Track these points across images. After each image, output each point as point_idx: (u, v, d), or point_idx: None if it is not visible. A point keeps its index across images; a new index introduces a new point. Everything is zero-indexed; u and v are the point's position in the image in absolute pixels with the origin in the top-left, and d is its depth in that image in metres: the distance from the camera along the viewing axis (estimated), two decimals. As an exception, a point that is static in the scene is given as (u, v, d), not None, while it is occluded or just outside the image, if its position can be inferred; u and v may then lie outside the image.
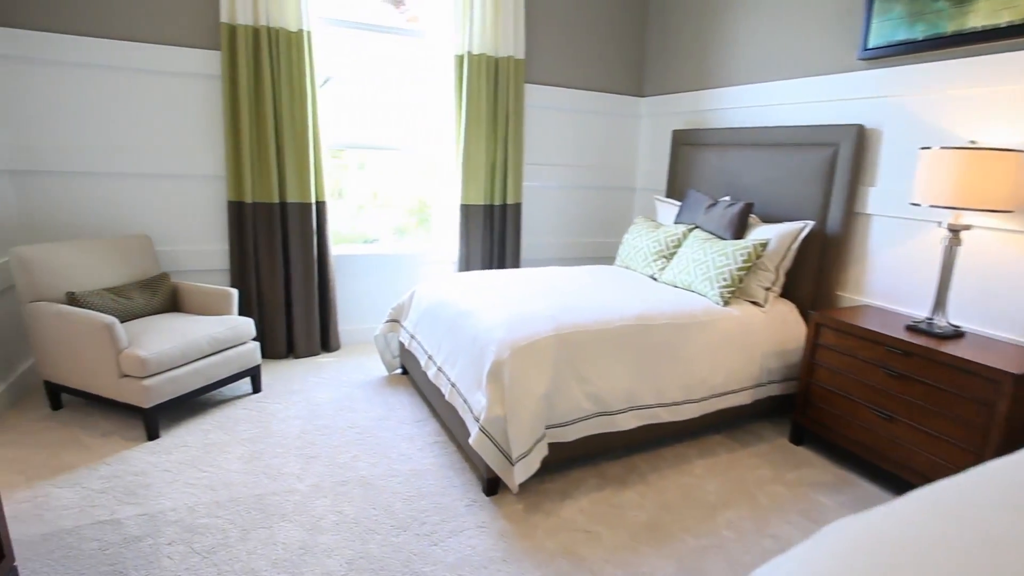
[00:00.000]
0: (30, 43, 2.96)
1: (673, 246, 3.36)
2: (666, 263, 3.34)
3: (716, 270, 2.92)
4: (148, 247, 3.18)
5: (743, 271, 2.86)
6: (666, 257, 3.36)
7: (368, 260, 3.94)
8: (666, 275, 3.21)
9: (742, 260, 2.87)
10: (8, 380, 2.89)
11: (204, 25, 3.25)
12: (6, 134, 3.01)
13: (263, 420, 2.79)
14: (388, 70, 3.87)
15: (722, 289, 2.86)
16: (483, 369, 2.30)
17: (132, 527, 1.99)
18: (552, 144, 4.29)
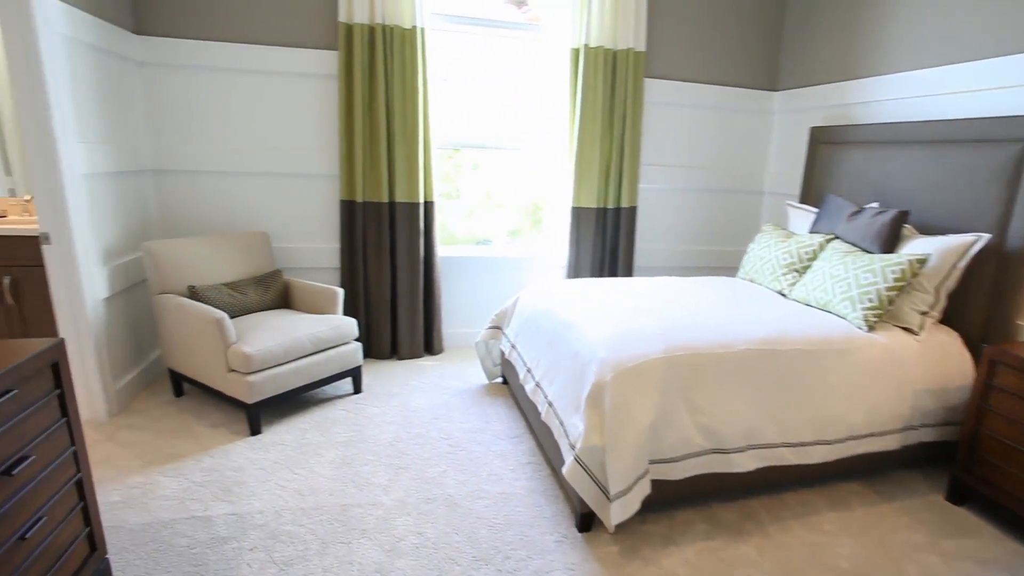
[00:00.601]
0: (168, 50, 3.10)
1: (807, 258, 2.88)
2: (798, 278, 2.87)
3: (860, 289, 2.44)
4: (265, 244, 3.24)
5: (894, 291, 2.35)
6: (798, 271, 2.88)
7: (475, 262, 3.79)
8: (797, 292, 2.75)
9: (893, 278, 2.36)
10: (141, 365, 3.05)
11: (323, 26, 3.25)
12: (150, 137, 3.19)
13: (359, 423, 2.71)
14: (501, 66, 3.69)
15: (867, 311, 2.37)
16: (582, 391, 2.03)
17: (220, 527, 1.94)
18: (671, 143, 3.90)
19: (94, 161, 2.67)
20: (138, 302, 3.07)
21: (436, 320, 3.63)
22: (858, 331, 2.34)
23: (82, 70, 2.62)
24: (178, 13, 3.08)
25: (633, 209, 3.72)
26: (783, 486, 2.34)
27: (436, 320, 3.63)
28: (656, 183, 3.92)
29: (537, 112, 3.77)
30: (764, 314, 2.44)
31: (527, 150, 3.79)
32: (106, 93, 2.81)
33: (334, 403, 2.92)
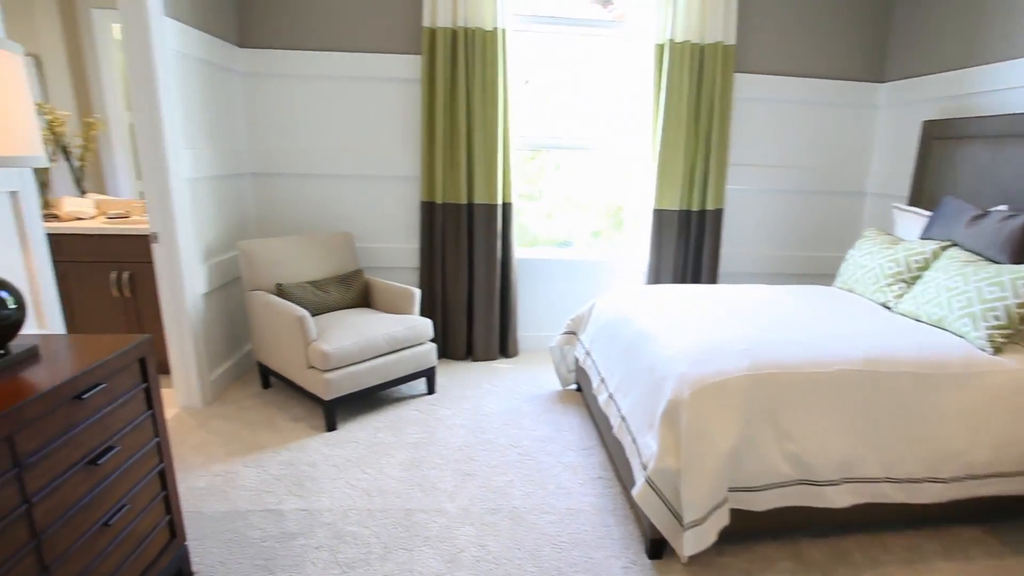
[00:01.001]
0: (268, 61, 3.22)
1: (917, 268, 2.54)
2: (906, 289, 2.54)
3: (984, 304, 2.10)
4: (349, 244, 3.29)
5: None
6: (906, 281, 2.55)
7: (553, 265, 3.68)
8: (905, 305, 2.43)
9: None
10: (234, 358, 3.20)
11: (408, 32, 3.26)
12: (250, 142, 3.34)
13: (431, 425, 2.68)
14: (583, 66, 3.56)
15: (992, 331, 2.04)
16: (657, 407, 1.87)
17: (291, 522, 1.96)
18: (762, 142, 3.60)
19: (198, 166, 2.81)
20: (233, 298, 3.22)
21: (512, 322, 3.55)
22: (980, 353, 2.02)
23: (191, 82, 2.76)
24: (278, 26, 3.20)
25: (719, 211, 3.47)
26: (885, 526, 2.05)
27: (512, 322, 3.55)
28: (745, 184, 3.63)
29: (619, 111, 3.61)
30: (865, 329, 2.16)
31: (609, 150, 3.63)
32: (211, 103, 2.95)
33: (408, 403, 2.91)
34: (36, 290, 1.92)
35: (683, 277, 3.58)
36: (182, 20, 2.67)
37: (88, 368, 1.36)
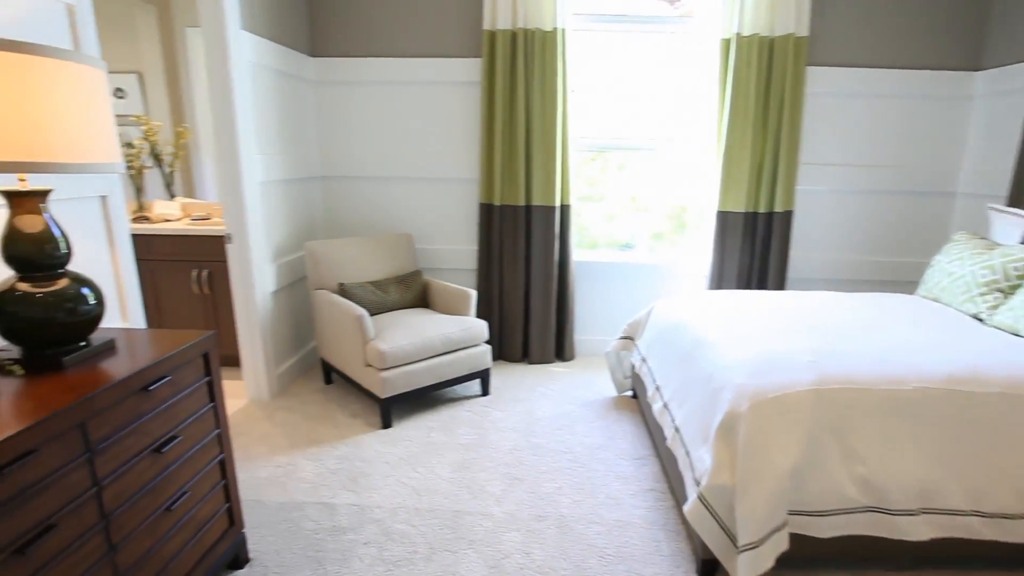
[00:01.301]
0: (336, 69, 3.33)
1: (1017, 276, 2.28)
2: (1002, 299, 2.29)
3: None
4: (409, 245, 3.35)
5: None
6: (1003, 291, 2.30)
7: (612, 268, 3.60)
8: (1002, 317, 2.19)
9: None
10: (299, 354, 3.32)
11: (468, 35, 3.28)
12: (319, 146, 3.47)
13: (483, 427, 2.68)
14: (645, 64, 3.45)
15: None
16: (713, 420, 1.78)
17: (343, 516, 2.00)
18: (837, 139, 3.36)
19: (270, 170, 2.94)
20: (299, 296, 3.34)
21: (568, 326, 3.50)
22: (1091, 375, 1.78)
23: (264, 91, 2.89)
24: (346, 36, 3.31)
25: (788, 214, 3.27)
26: (971, 564, 1.85)
27: (568, 326, 3.50)
28: (817, 184, 3.40)
29: (683, 110, 3.48)
30: (952, 343, 1.96)
31: (673, 151, 3.51)
32: (283, 110, 3.08)
33: (462, 404, 2.92)
34: (121, 286, 2.06)
35: (748, 283, 3.40)
36: (258, 33, 2.80)
37: (155, 362, 1.44)
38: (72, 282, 1.42)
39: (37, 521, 1.14)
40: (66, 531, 1.21)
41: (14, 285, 1.35)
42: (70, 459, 1.22)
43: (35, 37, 1.67)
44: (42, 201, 1.39)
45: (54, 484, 1.18)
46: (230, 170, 2.71)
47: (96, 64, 1.37)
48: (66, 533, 1.21)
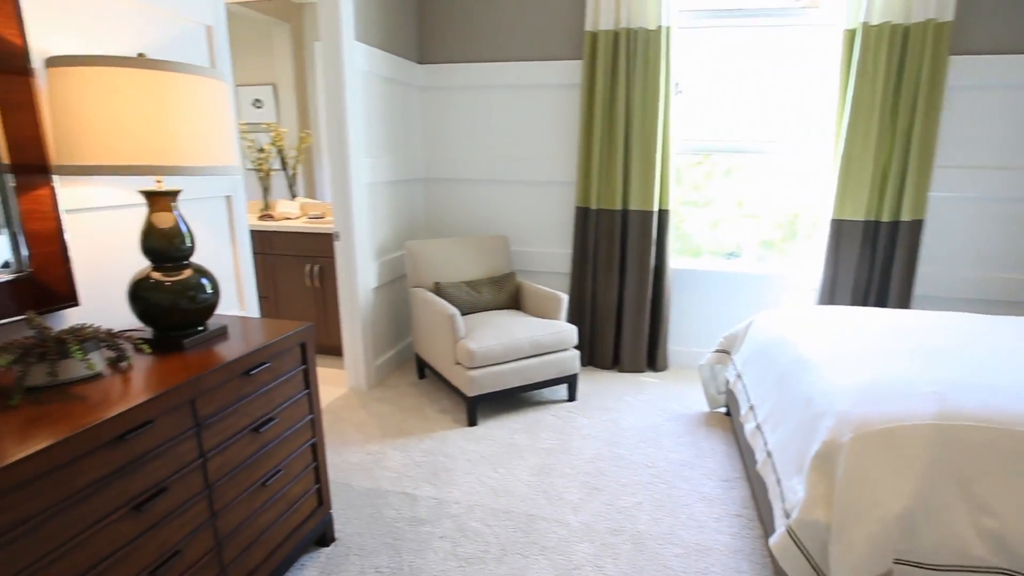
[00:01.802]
0: (443, 74, 3.46)
1: None
2: None
3: None
4: (504, 247, 3.39)
5: None
6: None
7: (713, 277, 3.42)
8: None
9: None
10: (397, 347, 3.48)
11: (570, 37, 3.26)
12: (422, 150, 3.62)
13: (566, 433, 2.65)
14: (757, 60, 3.24)
15: None
16: (809, 448, 1.63)
17: (422, 508, 2.07)
18: (982, 139, 2.93)
19: (376, 172, 3.11)
20: (399, 293, 3.50)
21: (662, 335, 3.37)
22: None
23: (374, 97, 3.06)
24: (452, 42, 3.42)
25: (918, 223, 2.92)
26: None
27: (662, 335, 3.37)
28: (954, 190, 3.00)
29: (797, 110, 3.22)
30: (1121, 385, 1.65)
31: (785, 153, 3.26)
32: (391, 115, 3.25)
33: (547, 407, 2.91)
34: (239, 277, 2.26)
35: (864, 298, 3.08)
36: (370, 43, 2.97)
37: (256, 348, 1.57)
38: (194, 273, 1.58)
39: (152, 484, 1.28)
40: (176, 495, 1.35)
41: (149, 274, 1.54)
42: (181, 431, 1.36)
43: (178, 55, 1.88)
44: (173, 200, 1.56)
45: (167, 452, 1.32)
46: (340, 172, 2.90)
47: (220, 78, 1.52)
48: (176, 497, 1.35)
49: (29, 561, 1.03)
